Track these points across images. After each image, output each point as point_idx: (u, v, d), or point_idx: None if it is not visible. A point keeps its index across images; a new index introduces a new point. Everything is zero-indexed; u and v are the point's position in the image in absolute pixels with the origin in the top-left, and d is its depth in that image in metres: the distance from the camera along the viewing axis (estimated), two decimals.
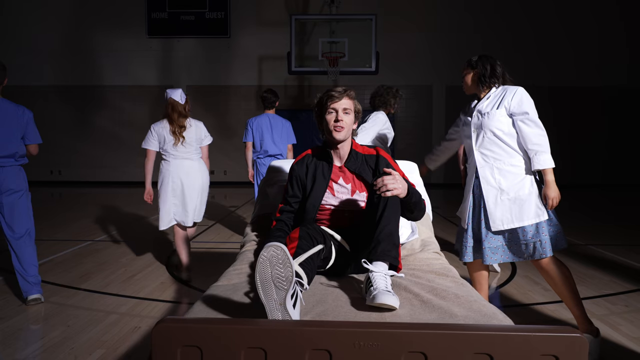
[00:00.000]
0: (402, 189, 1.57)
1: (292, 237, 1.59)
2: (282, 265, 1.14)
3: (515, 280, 3.54)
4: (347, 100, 1.86)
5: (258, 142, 4.45)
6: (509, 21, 10.99)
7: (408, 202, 1.65)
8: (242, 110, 11.40)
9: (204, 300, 1.32)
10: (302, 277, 1.35)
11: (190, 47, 11.52)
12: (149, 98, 11.38)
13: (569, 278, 2.27)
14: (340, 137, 1.85)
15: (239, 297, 1.37)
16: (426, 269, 1.65)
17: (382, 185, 1.53)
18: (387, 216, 1.52)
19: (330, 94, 1.86)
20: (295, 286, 1.22)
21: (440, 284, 1.46)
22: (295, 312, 1.18)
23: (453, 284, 1.47)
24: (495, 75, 2.33)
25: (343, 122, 1.83)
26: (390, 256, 1.45)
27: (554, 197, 2.20)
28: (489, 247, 2.31)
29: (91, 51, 11.52)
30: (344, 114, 1.85)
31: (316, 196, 1.86)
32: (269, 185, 2.33)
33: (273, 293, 1.14)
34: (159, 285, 3.37)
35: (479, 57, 2.39)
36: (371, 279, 1.37)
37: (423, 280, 1.51)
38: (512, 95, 2.25)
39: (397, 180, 1.56)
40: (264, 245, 1.22)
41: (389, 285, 1.36)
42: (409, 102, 11.54)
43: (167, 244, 4.66)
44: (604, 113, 11.22)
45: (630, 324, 2.66)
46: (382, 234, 1.48)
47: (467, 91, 2.45)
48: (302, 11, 11.05)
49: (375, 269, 1.41)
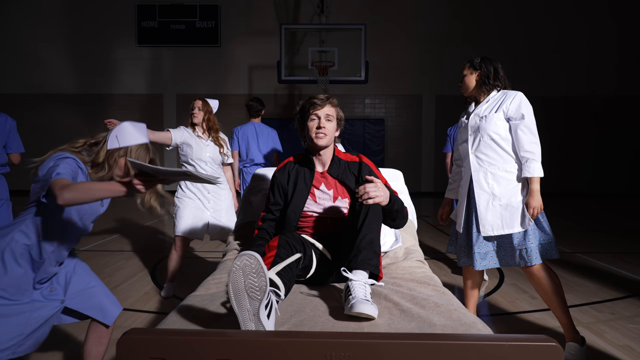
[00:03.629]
0: (383, 196, 1.56)
1: (271, 246, 1.56)
2: (255, 275, 1.12)
3: (503, 289, 3.53)
4: (329, 107, 1.87)
5: (244, 150, 4.42)
6: (500, 32, 11.11)
7: (390, 210, 1.64)
8: (232, 120, 11.34)
9: (179, 310, 1.29)
10: (278, 286, 1.33)
11: (180, 56, 11.51)
12: (139, 107, 11.32)
13: (559, 287, 2.26)
14: (323, 143, 1.85)
15: (215, 307, 1.34)
16: (408, 277, 1.64)
17: (364, 192, 1.52)
18: (368, 224, 1.50)
19: (313, 101, 1.86)
20: (270, 296, 1.19)
21: (421, 293, 1.44)
22: (270, 322, 1.16)
23: (434, 292, 1.45)
24: (498, 78, 2.32)
25: (325, 128, 1.83)
26: (370, 265, 1.43)
27: (536, 207, 2.19)
28: (478, 253, 2.29)
29: (81, 59, 11.46)
30: (327, 120, 1.85)
31: (297, 203, 1.85)
32: (252, 194, 2.30)
33: (246, 303, 1.12)
34: (143, 295, 3.31)
35: (481, 58, 2.37)
36: (350, 287, 1.35)
37: (404, 289, 1.49)
38: (511, 100, 2.24)
39: (379, 188, 1.54)
40: (237, 255, 1.19)
41: (368, 294, 1.34)
42: (398, 111, 11.61)
43: (154, 253, 4.60)
44: (594, 122, 11.34)
45: (616, 332, 2.65)
46: (363, 242, 1.46)
47: (466, 93, 2.43)
48: (293, 21, 11.11)
49: (354, 277, 1.38)
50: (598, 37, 11.22)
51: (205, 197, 3.33)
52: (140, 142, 1.69)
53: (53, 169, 1.48)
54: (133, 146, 1.66)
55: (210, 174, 3.36)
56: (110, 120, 3.07)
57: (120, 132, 1.67)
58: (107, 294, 1.76)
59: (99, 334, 1.72)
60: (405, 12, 11.31)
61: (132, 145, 1.66)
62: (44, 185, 1.49)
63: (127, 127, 1.69)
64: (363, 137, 11.59)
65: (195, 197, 3.32)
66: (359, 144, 11.52)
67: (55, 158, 1.56)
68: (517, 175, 2.28)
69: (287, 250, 1.52)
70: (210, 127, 3.35)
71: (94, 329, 1.73)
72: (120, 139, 1.67)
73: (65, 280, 1.66)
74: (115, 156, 1.65)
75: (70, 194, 1.35)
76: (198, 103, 3.35)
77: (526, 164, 2.21)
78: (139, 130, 1.71)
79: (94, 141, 1.72)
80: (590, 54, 11.23)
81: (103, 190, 1.39)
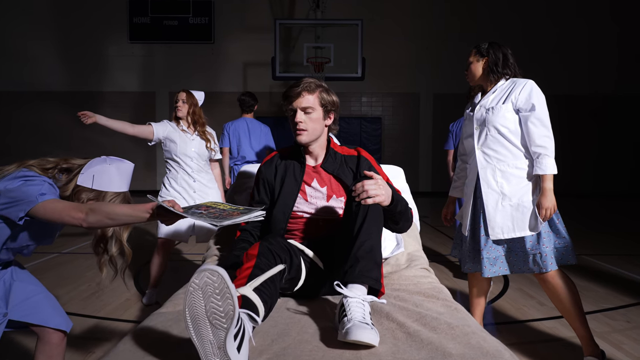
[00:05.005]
0: (385, 195, 1.33)
1: (250, 255, 1.31)
2: (219, 297, 0.88)
3: (509, 294, 3.32)
4: (307, 96, 1.58)
5: (235, 147, 4.21)
6: (498, 29, 10.91)
7: (392, 212, 1.40)
8: (226, 117, 11.05)
9: (135, 335, 1.06)
10: (256, 306, 1.09)
11: (173, 52, 11.25)
12: (130, 104, 11.06)
13: (576, 295, 2.05)
14: (303, 140, 1.60)
15: (180, 330, 1.11)
16: (413, 289, 1.41)
17: (362, 190, 1.28)
18: (367, 228, 1.26)
19: (286, 93, 1.61)
20: (241, 323, 0.95)
21: (430, 310, 1.22)
22: (242, 356, 0.92)
23: (445, 309, 1.23)
24: (507, 66, 2.11)
25: (303, 123, 1.57)
26: (369, 277, 1.19)
27: (549, 208, 1.98)
28: (487, 258, 2.07)
29: (71, 56, 11.19)
30: (305, 114, 1.58)
31: (286, 201, 1.61)
32: (237, 192, 2.08)
33: (209, 333, 0.89)
34: (124, 302, 3.08)
35: (489, 44, 2.15)
36: (345, 306, 1.12)
37: (409, 304, 1.26)
38: (521, 89, 2.03)
39: (380, 185, 1.31)
40: (197, 270, 0.95)
41: (367, 315, 1.11)
42: (395, 109, 11.41)
43: (138, 256, 4.35)
44: (595, 121, 11.16)
45: (634, 342, 2.45)
46: (361, 250, 1.23)
47: (472, 82, 2.22)
48: (288, 16, 10.88)
49: (350, 293, 1.15)
50: (598, 37, 11.04)
51: (191, 196, 3.11)
52: (119, 190, 1.42)
53: (31, 188, 1.25)
54: (108, 193, 1.39)
55: (196, 171, 3.13)
56: (84, 113, 2.84)
57: (100, 173, 1.39)
58: (54, 305, 1.53)
59: (48, 353, 1.49)
60: (402, 9, 11.11)
61: (108, 192, 1.39)
62: (15, 204, 1.24)
63: (109, 171, 1.40)
64: (360, 136, 11.41)
65: (180, 196, 3.09)
66: (355, 143, 11.32)
67: (24, 177, 1.30)
68: (528, 172, 2.06)
69: (268, 259, 1.28)
70: (196, 121, 3.12)
71: (41, 348, 1.50)
72: (97, 180, 1.38)
73: (4, 290, 1.42)
74: (83, 198, 1.37)
75: (95, 217, 1.18)
76: (182, 95, 3.13)
77: (538, 160, 2.00)
78: (122, 177, 1.44)
79: (67, 166, 1.44)
80: (591, 54, 11.05)
81: (129, 216, 1.21)
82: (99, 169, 1.40)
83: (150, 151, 11.06)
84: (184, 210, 1.19)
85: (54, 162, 1.42)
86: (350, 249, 1.26)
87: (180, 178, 3.10)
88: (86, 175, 1.38)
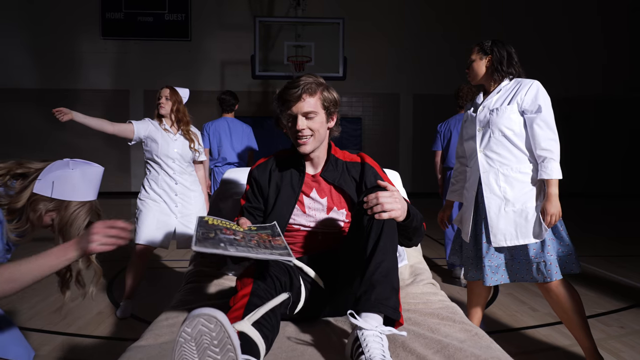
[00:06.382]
0: (401, 210, 1.17)
1: (244, 280, 1.13)
2: (218, 349, 0.72)
3: (500, 300, 3.24)
4: (308, 99, 1.40)
5: (215, 148, 4.02)
6: (478, 31, 10.94)
7: (407, 227, 1.24)
8: (203, 118, 10.76)
9: None
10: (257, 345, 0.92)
11: (148, 50, 10.90)
12: (103, 103, 10.67)
13: (580, 305, 1.97)
14: (307, 149, 1.43)
15: None
16: (424, 309, 1.27)
17: (376, 203, 1.13)
18: (383, 247, 1.10)
19: (282, 96, 1.41)
20: None
21: (449, 336, 1.08)
22: None
23: (465, 334, 1.09)
24: (512, 65, 2.01)
25: (306, 130, 1.40)
26: (387, 306, 1.04)
27: (554, 214, 1.89)
28: (489, 266, 1.97)
29: (40, 52, 10.71)
30: (307, 119, 1.40)
31: (281, 213, 1.44)
32: (222, 199, 1.90)
33: None
34: (96, 316, 2.86)
35: (492, 41, 2.06)
36: (361, 340, 0.97)
37: (424, 329, 1.12)
38: (527, 90, 1.93)
39: (396, 199, 1.16)
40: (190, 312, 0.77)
41: (387, 351, 0.96)
42: (376, 110, 11.35)
43: (112, 263, 4.11)
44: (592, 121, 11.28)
45: (632, 350, 2.40)
46: (377, 274, 1.07)
47: (474, 81, 2.12)
48: (267, 14, 10.68)
49: (366, 325, 0.99)
50: (585, 39, 11.18)
51: (172, 200, 2.91)
52: (85, 199, 1.20)
53: None
54: (72, 202, 1.17)
55: (178, 172, 2.94)
56: (59, 110, 2.62)
57: (61, 179, 1.16)
58: (12, 332, 1.32)
59: None
60: (382, 9, 11.05)
61: (71, 201, 1.17)
62: None
63: (72, 176, 1.17)
64: (340, 137, 11.17)
65: (160, 199, 2.90)
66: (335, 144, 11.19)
67: None
68: (532, 176, 1.98)
69: (267, 284, 1.11)
70: (180, 119, 2.93)
71: None
72: (57, 188, 1.15)
73: None
74: (40, 209, 1.14)
75: None
76: (165, 92, 2.94)
77: (543, 164, 1.91)
78: (88, 183, 1.21)
79: (21, 171, 1.20)
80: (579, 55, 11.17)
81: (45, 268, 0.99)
82: (60, 174, 1.18)
83: (124, 152, 10.69)
84: (212, 245, 1.00)
85: (5, 167, 1.19)
86: (364, 271, 1.10)
87: (161, 180, 2.90)
88: (44, 181, 1.16)
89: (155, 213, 2.87)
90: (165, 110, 2.91)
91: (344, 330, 1.21)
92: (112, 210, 7.44)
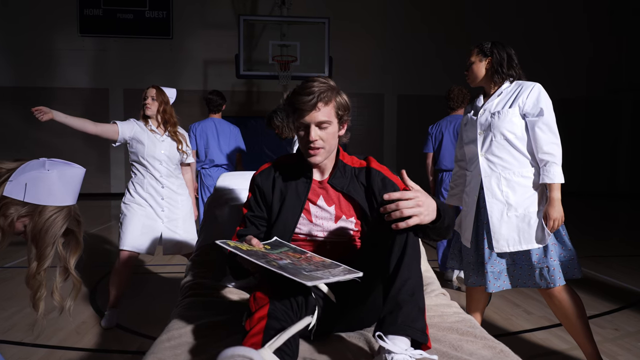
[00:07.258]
0: (426, 211, 1.08)
1: (259, 299, 1.04)
2: None
3: (494, 303, 3.22)
4: (324, 108, 1.31)
5: (202, 150, 3.91)
6: (465, 32, 11.00)
7: (439, 228, 1.15)
8: (185, 118, 10.56)
9: None
10: None
11: (128, 48, 10.66)
12: (81, 102, 10.37)
13: (582, 311, 1.96)
14: (318, 160, 1.35)
15: None
16: (441, 323, 1.21)
17: (396, 209, 1.04)
18: (407, 263, 1.02)
19: (294, 105, 1.32)
20: None
21: (474, 354, 1.02)
22: None
23: (490, 352, 1.04)
24: (512, 67, 1.98)
25: (319, 142, 1.32)
26: (414, 329, 0.97)
27: (557, 219, 1.87)
28: (491, 272, 1.94)
29: (16, 49, 10.36)
30: (320, 129, 1.32)
31: (286, 222, 1.36)
32: (217, 206, 1.81)
33: None
34: (79, 326, 2.72)
35: (492, 43, 2.02)
36: None
37: (447, 347, 1.06)
38: (529, 92, 1.90)
39: (421, 202, 1.06)
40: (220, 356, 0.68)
41: None
42: (360, 110, 11.33)
43: (96, 268, 3.96)
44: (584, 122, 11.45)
45: (629, 353, 2.39)
46: (403, 293, 1.00)
47: (473, 83, 2.08)
48: (250, 12, 10.55)
49: (394, 348, 0.93)
50: (570, 39, 11.34)
51: (158, 204, 2.80)
52: (62, 203, 1.09)
53: None
54: (47, 207, 1.07)
55: (165, 175, 2.83)
56: (39, 109, 2.48)
57: (35, 181, 1.05)
58: None
59: None
60: (368, 9, 11.04)
61: (47, 206, 1.07)
62: None
63: (48, 178, 1.06)
64: None
65: (146, 203, 2.78)
66: None
67: None
68: (534, 180, 1.95)
69: (284, 304, 1.03)
70: (167, 120, 2.83)
71: None
72: (30, 191, 1.04)
73: None
74: (12, 214, 1.04)
75: None
76: (152, 92, 2.83)
77: (545, 168, 1.89)
78: (66, 186, 1.10)
79: None
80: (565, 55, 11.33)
81: None
82: (35, 175, 1.07)
83: (103, 152, 10.42)
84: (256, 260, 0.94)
85: None
86: (388, 289, 1.03)
87: (146, 183, 2.79)
88: (16, 183, 1.05)
89: (140, 218, 2.76)
90: (151, 111, 2.80)
91: (359, 347, 1.14)
92: (90, 212, 7.21)
